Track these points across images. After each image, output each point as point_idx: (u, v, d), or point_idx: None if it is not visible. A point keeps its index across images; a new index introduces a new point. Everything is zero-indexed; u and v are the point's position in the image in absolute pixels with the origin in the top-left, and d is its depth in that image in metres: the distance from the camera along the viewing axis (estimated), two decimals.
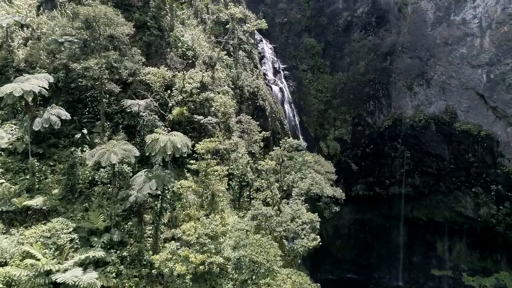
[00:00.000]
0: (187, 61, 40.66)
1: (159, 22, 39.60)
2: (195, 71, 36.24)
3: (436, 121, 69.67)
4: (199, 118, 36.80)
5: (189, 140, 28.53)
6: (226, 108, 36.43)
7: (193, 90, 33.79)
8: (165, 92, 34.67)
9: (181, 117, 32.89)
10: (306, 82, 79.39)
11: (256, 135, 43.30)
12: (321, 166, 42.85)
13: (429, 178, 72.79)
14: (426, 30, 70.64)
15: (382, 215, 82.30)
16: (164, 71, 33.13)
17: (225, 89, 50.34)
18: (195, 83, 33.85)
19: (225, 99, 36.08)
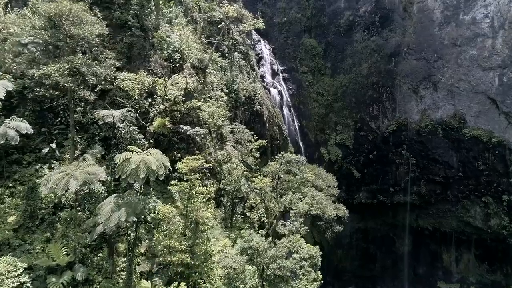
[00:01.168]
0: (173, 64, 36.21)
1: (142, 21, 35.14)
2: (178, 76, 31.75)
3: (443, 127, 65.21)
4: (186, 128, 32.40)
5: (167, 160, 24.06)
6: (214, 119, 31.95)
7: (177, 98, 29.33)
8: (146, 100, 30.19)
9: (163, 129, 28.47)
10: (306, 84, 75.13)
11: (251, 145, 38.85)
12: (322, 180, 38.51)
13: (436, 186, 68.40)
14: (433, 30, 66.10)
15: (386, 223, 78.11)
16: (143, 76, 28.69)
17: (218, 94, 46.12)
18: (179, 90, 29.38)
19: (213, 109, 31.62)
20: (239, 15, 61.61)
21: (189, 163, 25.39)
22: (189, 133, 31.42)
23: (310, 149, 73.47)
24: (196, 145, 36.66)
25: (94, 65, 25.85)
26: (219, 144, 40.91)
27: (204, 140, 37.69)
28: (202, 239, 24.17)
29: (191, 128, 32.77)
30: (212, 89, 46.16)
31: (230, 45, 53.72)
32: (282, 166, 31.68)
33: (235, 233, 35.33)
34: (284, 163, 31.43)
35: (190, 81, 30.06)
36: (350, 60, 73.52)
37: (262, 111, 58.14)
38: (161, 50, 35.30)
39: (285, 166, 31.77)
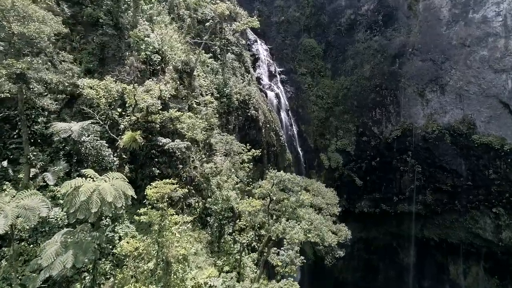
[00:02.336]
0: (153, 67, 31.67)
1: (117, 19, 30.64)
2: (153, 82, 27.19)
3: (451, 132, 60.73)
4: (164, 141, 27.91)
5: (129, 187, 19.54)
6: (194, 133, 27.37)
7: (150, 107, 24.82)
8: (115, 110, 25.64)
9: (133, 144, 23.97)
10: (305, 87, 70.80)
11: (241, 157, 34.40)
12: (321, 196, 33.97)
13: (443, 196, 63.92)
14: (440, 30, 61.51)
15: (389, 233, 73.81)
16: (109, 82, 24.18)
17: (208, 100, 41.65)
18: (153, 98, 24.85)
19: (194, 120, 27.04)
20: (233, 13, 57.13)
21: (160, 189, 20.85)
22: (168, 147, 26.89)
23: (309, 155, 69.19)
24: (179, 159, 32.13)
25: (44, 70, 21.32)
26: (207, 155, 36.40)
27: (188, 152, 33.18)
28: (176, 281, 19.69)
29: (171, 141, 28.22)
30: (201, 93, 41.71)
31: (222, 45, 49.22)
32: (275, 187, 27.17)
33: (223, 259, 30.83)
34: (277, 183, 26.92)
35: (165, 88, 25.41)
36: (351, 61, 69.08)
37: (257, 116, 53.83)
38: (138, 51, 30.76)
39: (278, 187, 27.23)
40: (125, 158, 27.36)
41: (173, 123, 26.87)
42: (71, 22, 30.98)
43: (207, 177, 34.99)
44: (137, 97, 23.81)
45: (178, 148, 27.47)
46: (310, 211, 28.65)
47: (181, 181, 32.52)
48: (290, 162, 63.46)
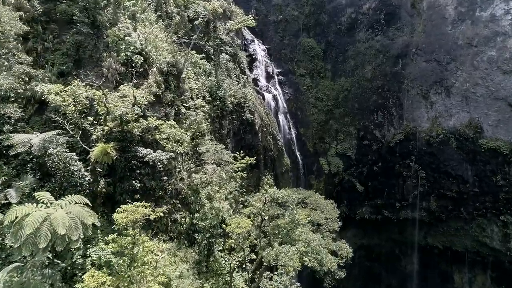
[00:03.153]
0: (135, 69, 28.56)
1: (93, 16, 27.53)
2: (127, 87, 24.06)
3: (457, 137, 57.63)
4: (145, 152, 24.80)
5: (89, 215, 16.43)
6: (174, 146, 24.18)
7: (125, 116, 21.71)
8: (85, 119, 22.49)
9: (105, 158, 20.89)
10: (304, 88, 67.74)
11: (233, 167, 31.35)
12: (320, 210, 30.86)
13: (448, 202, 60.88)
14: (445, 29, 58.36)
15: (391, 240, 70.90)
16: (76, 87, 21.06)
17: (199, 103, 38.56)
18: (126, 106, 21.70)
19: (174, 131, 23.90)
20: (228, 12, 54.22)
21: (129, 214, 17.74)
22: (148, 159, 23.81)
23: (308, 160, 66.11)
24: (163, 170, 29.04)
25: None
26: (197, 165, 33.27)
27: (174, 163, 30.10)
28: None
29: (152, 152, 25.11)
30: (191, 97, 38.63)
31: (215, 45, 46.16)
32: (266, 205, 24.06)
33: (211, 281, 27.74)
34: (269, 202, 23.82)
35: (142, 93, 22.25)
36: (352, 61, 66.03)
37: (253, 120, 50.88)
38: (117, 52, 27.64)
39: (270, 205, 24.15)
40: (100, 171, 24.22)
41: (151, 133, 23.75)
42: (44, 20, 27.96)
43: (195, 189, 31.94)
44: (109, 104, 20.70)
45: (160, 160, 24.33)
46: (307, 229, 25.53)
47: (166, 194, 29.54)
48: (288, 167, 60.47)
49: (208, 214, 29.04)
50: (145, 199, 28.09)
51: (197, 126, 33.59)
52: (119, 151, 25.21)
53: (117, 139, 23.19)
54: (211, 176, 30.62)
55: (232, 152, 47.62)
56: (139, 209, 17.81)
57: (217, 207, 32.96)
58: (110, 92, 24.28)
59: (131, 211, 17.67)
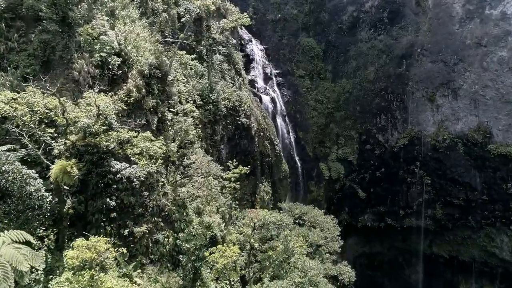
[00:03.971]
0: (111, 72, 25.27)
1: (64, 12, 24.24)
2: (92, 94, 20.70)
3: (464, 141, 54.56)
4: (119, 167, 21.57)
5: (24, 260, 13.14)
6: (148, 163, 20.81)
7: (91, 128, 18.39)
8: (45, 131, 19.14)
9: (65, 177, 17.61)
10: (303, 90, 64.76)
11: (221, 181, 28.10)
12: (319, 227, 27.57)
13: (455, 210, 57.74)
14: (452, 28, 55.07)
15: (394, 248, 67.77)
16: (30, 95, 17.78)
17: (188, 108, 35.41)
18: (88, 117, 18.36)
19: (148, 145, 20.58)
20: (223, 10, 50.97)
21: (82, 253, 14.45)
22: (121, 175, 20.53)
23: (307, 165, 62.97)
24: (144, 184, 25.76)
25: None
26: (184, 176, 29.95)
27: (157, 176, 26.83)
28: None
29: (128, 166, 21.81)
30: (179, 101, 35.38)
31: (208, 45, 42.91)
32: (256, 231, 20.79)
33: None
34: (259, 227, 20.54)
35: (106, 102, 18.85)
36: (354, 62, 62.94)
37: (249, 124, 47.67)
38: (90, 53, 24.33)
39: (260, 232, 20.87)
40: (66, 190, 20.91)
41: (123, 147, 20.41)
42: (9, 17, 24.74)
43: (181, 204, 28.64)
44: (68, 115, 17.42)
45: (137, 177, 21.06)
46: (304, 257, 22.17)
47: (146, 211, 26.23)
48: (286, 173, 57.26)
49: (194, 233, 25.67)
50: (123, 217, 24.96)
51: (184, 133, 30.38)
52: (90, 164, 22.01)
53: (84, 154, 19.90)
54: (198, 191, 27.29)
55: (226, 159, 44.81)
56: (97, 245, 14.47)
57: (207, 221, 29.69)
58: (78, 99, 20.95)
59: (86, 248, 14.35)
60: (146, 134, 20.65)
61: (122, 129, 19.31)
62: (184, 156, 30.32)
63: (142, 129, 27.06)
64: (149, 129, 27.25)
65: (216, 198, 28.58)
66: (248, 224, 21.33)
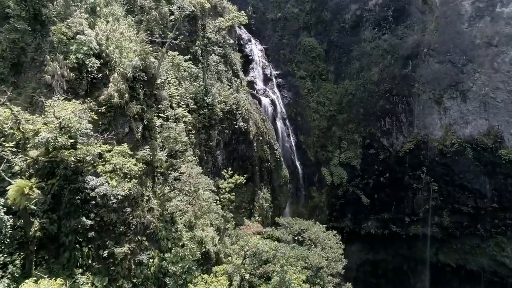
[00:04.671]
0: (90, 75, 22.67)
1: (35, 8, 21.64)
2: (55, 101, 18.00)
3: (474, 146, 52.01)
4: (94, 183, 18.99)
5: None
6: (121, 183, 18.06)
7: (55, 142, 15.73)
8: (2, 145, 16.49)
9: (22, 200, 14.99)
10: (304, 92, 62.32)
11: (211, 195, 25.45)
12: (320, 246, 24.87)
13: (463, 218, 55.15)
14: (461, 27, 52.37)
15: (399, 255, 65.12)
16: None
17: (180, 113, 32.83)
18: (49, 131, 15.65)
19: (121, 161, 17.89)
20: (220, 8, 48.40)
21: None
22: (95, 194, 17.92)
23: (309, 170, 60.41)
24: (127, 199, 23.13)
25: None
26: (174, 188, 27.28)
27: (141, 189, 24.19)
28: None
29: (105, 181, 19.17)
30: (170, 105, 32.76)
31: (203, 45, 40.29)
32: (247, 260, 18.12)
33: None
34: (251, 256, 17.85)
35: (67, 112, 16.04)
36: (357, 63, 60.46)
37: (247, 128, 45.21)
38: (66, 54, 21.72)
39: (252, 261, 18.20)
40: (34, 209, 18.32)
41: (93, 164, 17.75)
42: None
43: (170, 219, 26.00)
44: (24, 127, 14.79)
45: (115, 195, 18.43)
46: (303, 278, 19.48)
47: (129, 229, 23.56)
48: (286, 179, 54.65)
49: (182, 254, 23.02)
50: (103, 237, 22.31)
51: (173, 141, 27.76)
52: (63, 180, 19.44)
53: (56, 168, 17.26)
54: (187, 205, 24.65)
55: (222, 165, 42.24)
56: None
57: (199, 236, 27.24)
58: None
59: None
60: (121, 147, 17.97)
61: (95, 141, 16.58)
62: (173, 167, 27.72)
63: (125, 137, 24.54)
64: (133, 138, 24.71)
65: (208, 212, 25.90)
66: (238, 253, 18.64)
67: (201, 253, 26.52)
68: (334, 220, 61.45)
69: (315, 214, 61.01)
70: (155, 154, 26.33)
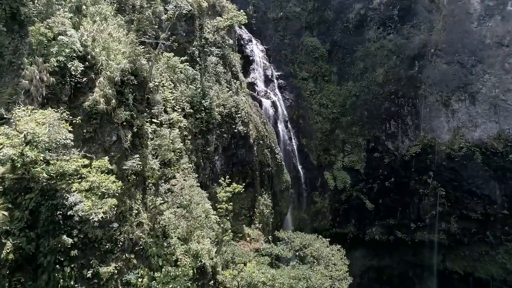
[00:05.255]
0: (74, 80, 20.85)
1: (13, 7, 19.84)
2: (25, 113, 16.09)
3: (483, 150, 50.29)
4: (74, 199, 17.09)
5: None
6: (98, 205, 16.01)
7: (21, 158, 13.83)
8: None
9: None
10: (306, 94, 60.57)
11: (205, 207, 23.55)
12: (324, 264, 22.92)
13: (471, 225, 53.23)
14: (470, 26, 50.33)
15: (405, 262, 63.09)
16: None
17: (174, 118, 31.05)
18: (14, 146, 13.63)
19: (99, 179, 15.95)
20: (219, 7, 46.48)
21: None
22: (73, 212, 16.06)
23: (311, 174, 58.61)
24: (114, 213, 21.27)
25: None
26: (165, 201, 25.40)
27: (130, 202, 22.43)
28: None
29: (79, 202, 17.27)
30: (165, 110, 30.92)
31: (200, 46, 38.44)
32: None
33: None
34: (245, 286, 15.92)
35: (31, 127, 13.97)
36: (361, 64, 58.59)
37: (247, 132, 43.43)
38: (46, 57, 19.89)
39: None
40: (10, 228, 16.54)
41: (67, 181, 15.85)
42: None
43: (162, 233, 24.13)
44: None
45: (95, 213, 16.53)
46: None
47: (116, 246, 21.72)
48: (288, 183, 52.81)
49: (173, 274, 21.15)
50: (87, 255, 20.48)
51: (167, 149, 25.89)
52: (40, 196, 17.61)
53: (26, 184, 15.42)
54: (180, 219, 22.80)
55: (221, 171, 40.40)
56: None
57: (194, 249, 25.38)
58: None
59: None
60: (100, 162, 16.08)
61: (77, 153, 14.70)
62: (166, 176, 25.86)
63: (113, 146, 22.70)
64: (121, 147, 22.87)
65: (202, 228, 24.03)
66: (230, 283, 16.75)
67: (197, 267, 24.77)
68: (337, 225, 59.56)
69: (318, 219, 59.22)
70: (146, 164, 24.50)
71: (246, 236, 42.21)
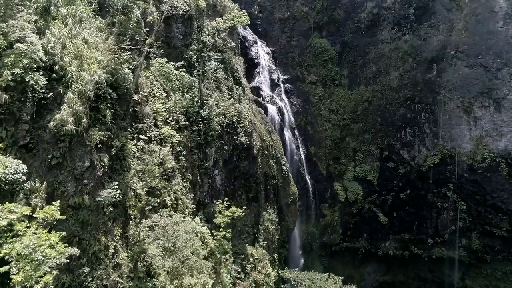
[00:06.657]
0: (37, 95, 17.25)
1: None
2: None
3: (509, 162, 46.24)
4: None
5: None
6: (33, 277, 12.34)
7: None
8: None
9: None
10: (315, 99, 57.48)
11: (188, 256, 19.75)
12: None
13: (495, 242, 49.03)
14: (494, 26, 46.04)
15: (420, 278, 58.51)
16: None
17: (166, 132, 27.43)
18: None
19: (33, 244, 12.22)
20: (220, 7, 42.89)
21: None
22: None
23: (320, 185, 55.11)
24: (85, 254, 17.72)
25: None
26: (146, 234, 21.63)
27: (105, 240, 18.86)
28: None
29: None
30: (155, 124, 27.33)
31: (198, 50, 34.76)
32: None
33: None
34: None
35: None
36: (374, 66, 54.89)
37: (250, 143, 39.94)
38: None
39: None
40: None
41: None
42: None
43: (146, 274, 20.46)
44: None
45: None
46: None
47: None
48: (295, 196, 49.20)
49: None
50: None
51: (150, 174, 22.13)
52: None
53: None
54: (165, 261, 19.02)
55: (221, 186, 36.81)
56: None
57: (187, 284, 21.72)
58: None
59: None
60: (47, 209, 12.28)
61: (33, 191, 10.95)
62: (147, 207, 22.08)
63: (86, 173, 19.06)
64: (94, 174, 19.17)
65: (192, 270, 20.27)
66: None
67: None
68: (348, 240, 55.57)
69: (327, 233, 55.47)
70: (128, 192, 20.80)
71: (249, 257, 38.57)
